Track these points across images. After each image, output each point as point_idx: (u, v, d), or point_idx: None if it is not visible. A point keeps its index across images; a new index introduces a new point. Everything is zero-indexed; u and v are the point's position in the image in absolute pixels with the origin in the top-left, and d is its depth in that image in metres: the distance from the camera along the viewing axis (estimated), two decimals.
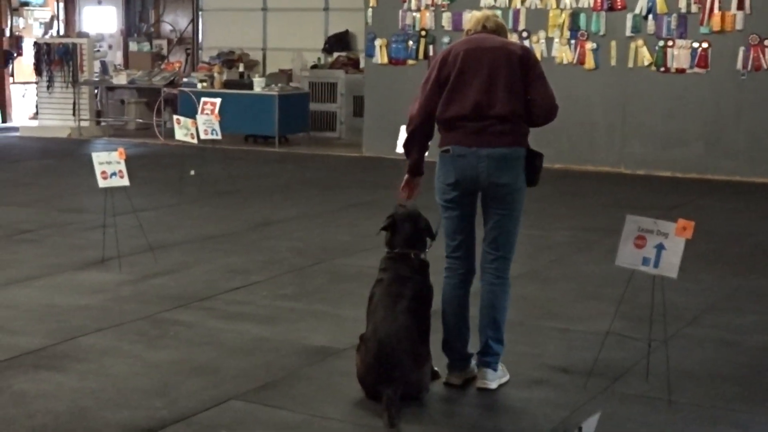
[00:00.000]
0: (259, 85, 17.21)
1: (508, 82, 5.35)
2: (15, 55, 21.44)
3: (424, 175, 5.63)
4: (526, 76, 5.38)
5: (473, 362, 5.58)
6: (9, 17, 21.21)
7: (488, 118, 5.33)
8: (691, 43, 14.15)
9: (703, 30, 14.09)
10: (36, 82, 19.22)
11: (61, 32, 21.74)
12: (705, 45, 14.04)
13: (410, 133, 5.53)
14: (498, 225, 5.43)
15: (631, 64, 14.52)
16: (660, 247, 5.29)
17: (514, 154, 5.35)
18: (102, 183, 8.13)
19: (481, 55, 5.38)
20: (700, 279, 7.99)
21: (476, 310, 5.54)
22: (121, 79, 18.70)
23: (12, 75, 21.44)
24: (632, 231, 5.39)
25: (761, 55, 13.83)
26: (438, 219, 5.56)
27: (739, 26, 13.93)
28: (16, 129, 19.46)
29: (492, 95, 5.34)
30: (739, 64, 13.95)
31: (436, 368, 5.50)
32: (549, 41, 14.97)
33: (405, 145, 5.59)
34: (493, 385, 5.47)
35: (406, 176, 5.62)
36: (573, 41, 14.87)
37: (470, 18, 5.68)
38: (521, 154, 5.38)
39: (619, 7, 14.53)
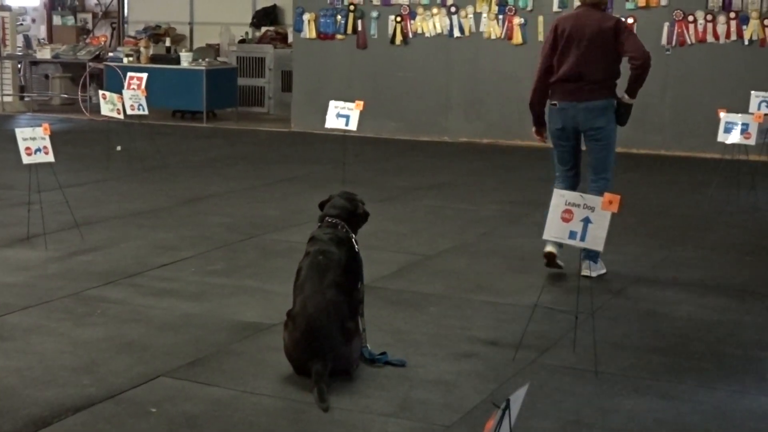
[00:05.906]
0: (186, 59, 17.06)
1: (600, 51, 7.13)
2: None
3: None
4: (617, 39, 7.10)
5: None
6: None
7: (582, 80, 7.17)
8: None
9: (629, 5, 14.24)
10: None
11: None
12: (630, 20, 14.16)
13: (533, 90, 7.35)
14: (598, 154, 7.29)
15: None
16: (586, 221, 5.35)
17: (602, 105, 7.22)
18: (26, 159, 8.01)
19: (582, 31, 7.15)
20: (626, 251, 8.10)
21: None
22: (45, 53, 18.39)
23: None
24: (559, 205, 5.44)
25: (685, 31, 14.02)
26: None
27: (663, 2, 14.11)
28: None
29: (586, 64, 7.14)
30: (664, 40, 14.12)
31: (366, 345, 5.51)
32: (477, 16, 15.00)
33: (533, 101, 7.41)
34: (594, 275, 7.04)
35: (534, 128, 7.53)
36: (501, 16, 14.92)
37: None
38: (611, 103, 7.25)
39: None
